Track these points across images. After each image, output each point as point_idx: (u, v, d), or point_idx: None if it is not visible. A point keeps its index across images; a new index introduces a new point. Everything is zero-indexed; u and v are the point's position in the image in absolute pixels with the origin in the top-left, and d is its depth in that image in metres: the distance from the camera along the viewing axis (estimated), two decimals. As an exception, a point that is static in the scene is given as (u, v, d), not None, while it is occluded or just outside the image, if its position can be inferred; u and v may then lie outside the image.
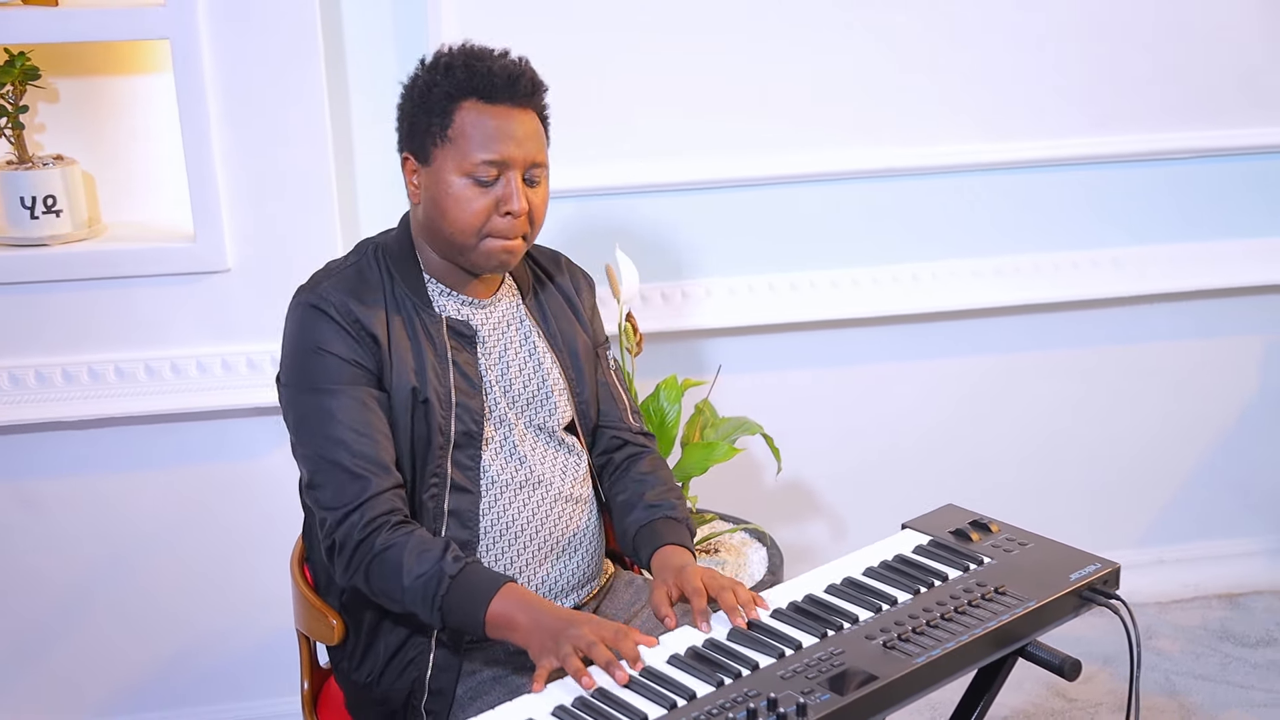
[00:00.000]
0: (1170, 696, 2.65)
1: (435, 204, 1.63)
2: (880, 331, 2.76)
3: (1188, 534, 3.03)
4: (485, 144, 1.59)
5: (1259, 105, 2.74)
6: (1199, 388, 2.94)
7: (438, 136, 1.61)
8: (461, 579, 1.53)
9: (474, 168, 1.60)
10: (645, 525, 1.74)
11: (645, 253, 2.59)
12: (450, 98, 1.60)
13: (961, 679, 1.58)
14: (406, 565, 1.54)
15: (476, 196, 1.61)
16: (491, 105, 1.60)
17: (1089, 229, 2.77)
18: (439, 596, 1.53)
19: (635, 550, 1.74)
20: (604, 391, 1.83)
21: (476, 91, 1.60)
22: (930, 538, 1.71)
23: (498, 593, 1.52)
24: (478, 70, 1.60)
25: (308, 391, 1.61)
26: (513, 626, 1.50)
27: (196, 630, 2.48)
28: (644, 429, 1.87)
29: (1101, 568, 1.62)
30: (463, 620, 1.54)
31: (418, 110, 1.62)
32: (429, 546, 1.55)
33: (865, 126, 2.60)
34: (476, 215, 1.61)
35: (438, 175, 1.61)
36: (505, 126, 1.60)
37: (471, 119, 1.60)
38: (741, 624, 1.50)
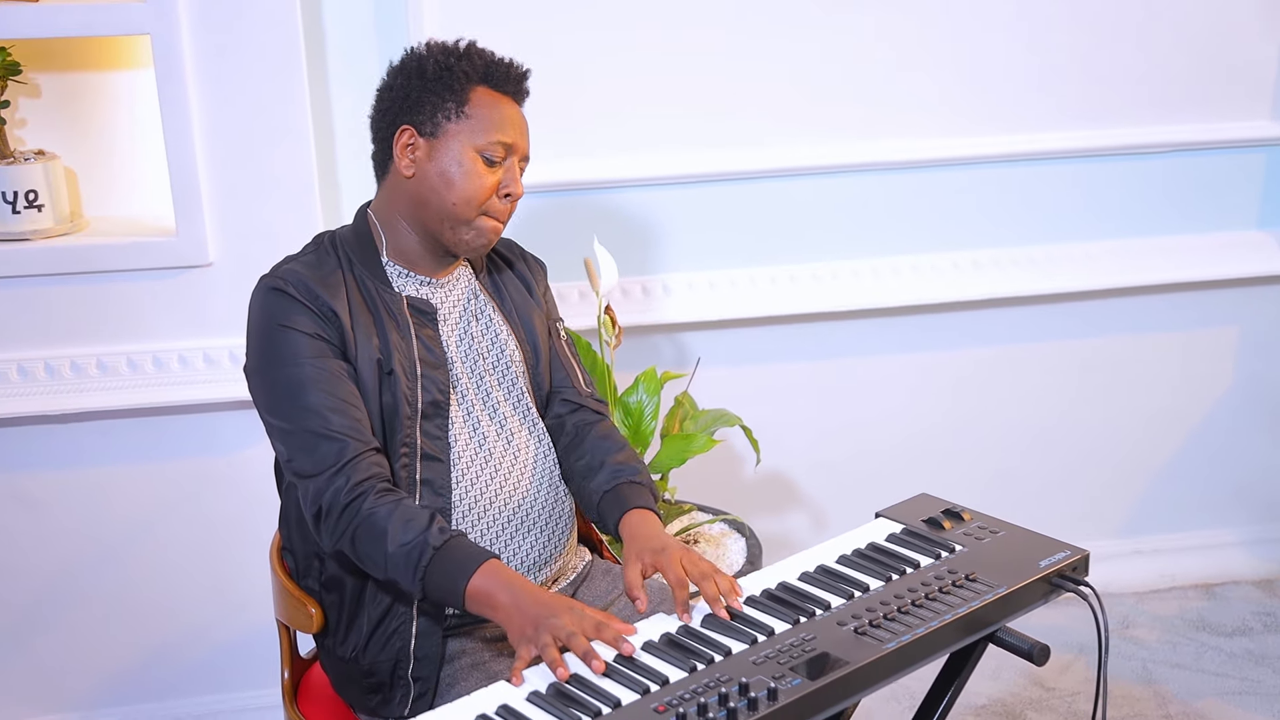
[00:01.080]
0: (1146, 685, 2.68)
1: (441, 175, 1.69)
2: (861, 325, 2.78)
3: (1165, 525, 3.06)
4: (499, 126, 1.70)
5: (1232, 100, 2.77)
6: (1175, 380, 2.97)
7: (453, 112, 1.69)
8: (445, 551, 1.56)
9: (488, 145, 1.69)
10: (610, 490, 1.76)
11: (626, 247, 2.61)
12: (468, 78, 1.70)
13: (933, 664, 1.61)
14: (391, 533, 1.57)
15: (486, 173, 1.70)
16: (501, 95, 1.72)
17: (1064, 223, 2.80)
18: (421, 566, 1.55)
19: (601, 516, 1.77)
20: (555, 362, 1.88)
21: (490, 80, 1.71)
22: (903, 526, 1.73)
23: (479, 568, 1.55)
24: (491, 60, 1.72)
25: (276, 368, 1.64)
26: (493, 604, 1.53)
27: (180, 622, 2.49)
28: (596, 395, 1.91)
29: (1071, 555, 1.64)
30: (443, 592, 1.56)
31: (429, 88, 1.69)
32: (414, 516, 1.58)
33: (844, 122, 2.63)
34: (482, 191, 1.70)
35: (447, 147, 1.69)
36: (512, 115, 1.73)
37: (486, 101, 1.70)
38: (723, 614, 1.52)
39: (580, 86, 2.50)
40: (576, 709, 1.36)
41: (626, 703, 1.37)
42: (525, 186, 2.45)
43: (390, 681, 1.69)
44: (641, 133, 2.55)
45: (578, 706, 1.36)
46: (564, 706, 1.37)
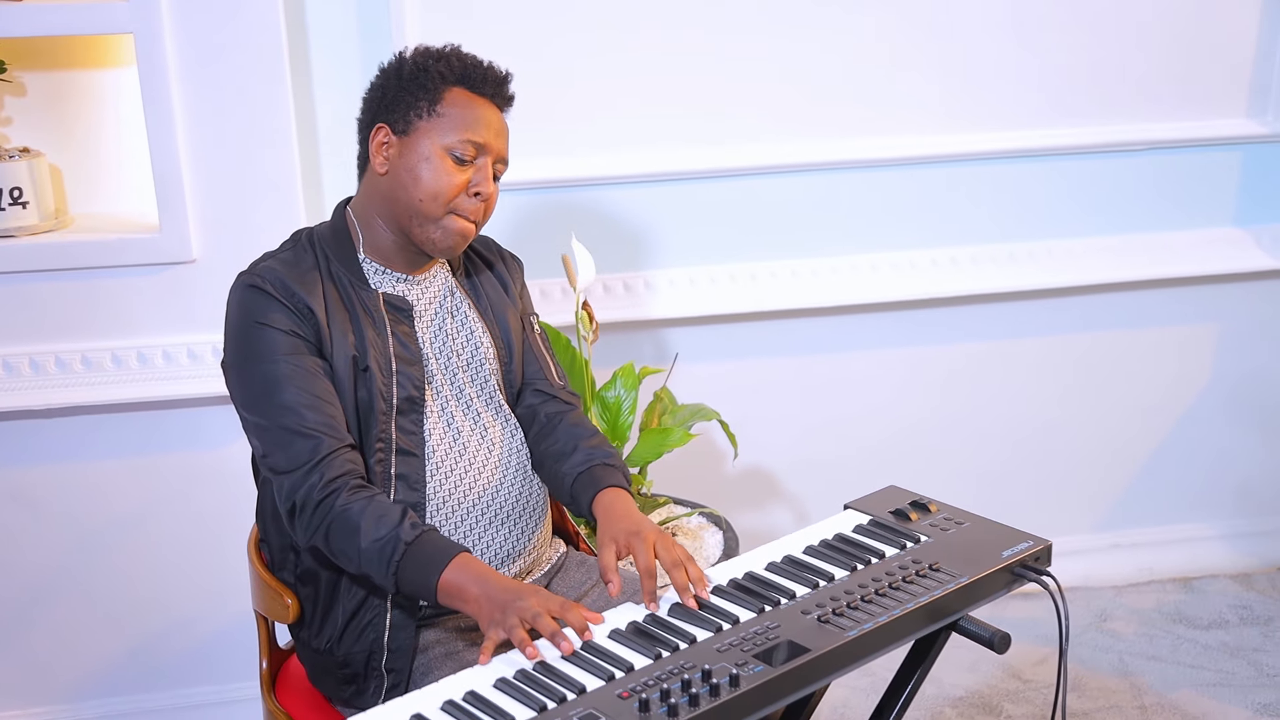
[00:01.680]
0: (1123, 677, 2.71)
1: (410, 171, 1.71)
2: (843, 321, 2.81)
3: (1144, 519, 3.09)
4: (471, 125, 1.71)
5: (1209, 98, 2.80)
6: (1155, 376, 3.00)
7: (425, 111, 1.71)
8: (417, 546, 1.59)
9: (457, 144, 1.70)
10: (583, 471, 1.79)
11: (610, 243, 2.64)
12: (443, 79, 1.72)
13: (899, 652, 1.64)
14: (364, 528, 1.60)
15: (453, 171, 1.71)
16: (478, 96, 1.74)
17: (1043, 220, 2.82)
18: (394, 561, 1.59)
19: (574, 497, 1.79)
20: (528, 354, 1.90)
21: (467, 81, 1.73)
22: (870, 517, 1.76)
23: (450, 562, 1.58)
24: (470, 63, 1.74)
25: (253, 364, 1.67)
26: (464, 597, 1.56)
27: (165, 615, 2.52)
28: (568, 387, 1.93)
29: (1033, 545, 1.67)
30: (416, 586, 1.59)
31: (405, 88, 1.72)
32: (387, 512, 1.61)
33: (824, 119, 2.65)
34: (450, 188, 1.71)
35: (417, 145, 1.71)
36: (487, 117, 1.73)
37: (460, 102, 1.72)
38: (692, 604, 1.55)
39: (562, 85, 2.53)
40: (542, 694, 1.39)
41: (591, 689, 1.40)
42: (508, 183, 2.52)
43: (364, 673, 1.72)
44: (625, 130, 2.58)
45: (543, 691, 1.39)
46: (530, 692, 1.39)
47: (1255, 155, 2.85)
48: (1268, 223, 2.89)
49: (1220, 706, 2.60)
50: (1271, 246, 2.89)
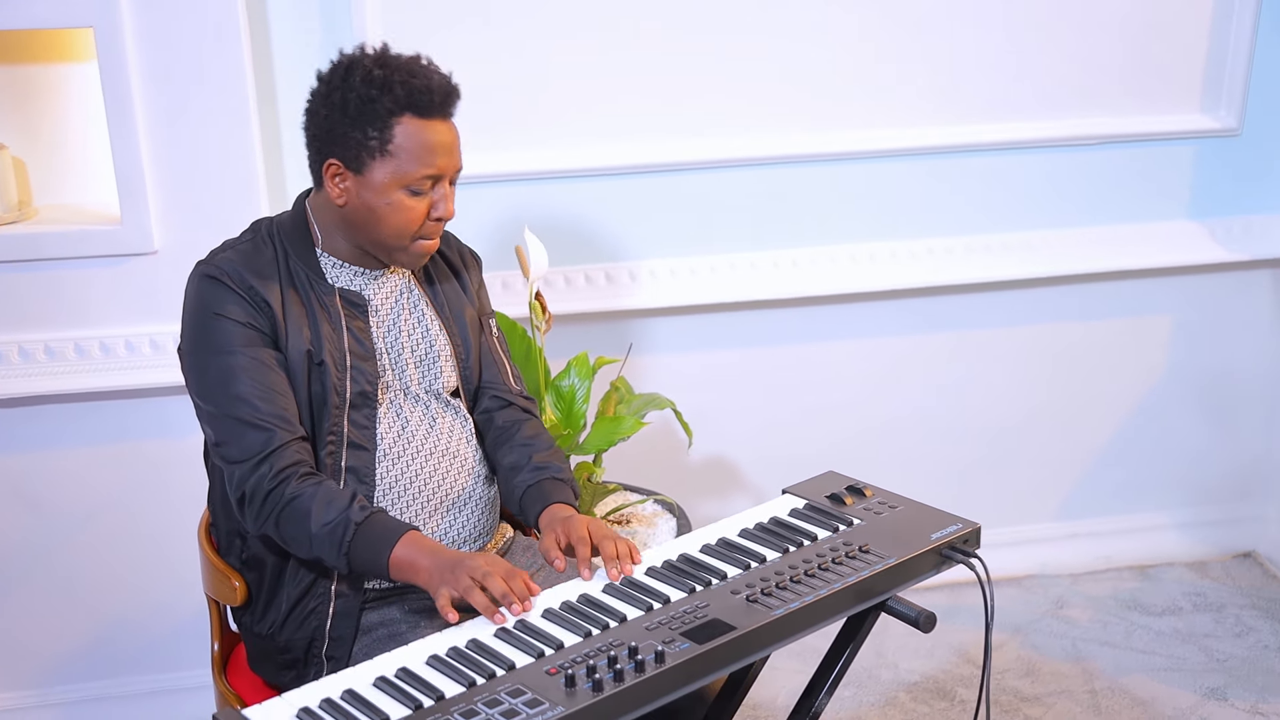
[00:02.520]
0: (1075, 662, 2.75)
1: (370, 210, 1.71)
2: (802, 312, 2.85)
3: (1101, 508, 3.13)
4: (425, 159, 1.69)
5: (1163, 94, 2.83)
6: (1110, 367, 3.04)
7: (376, 150, 1.68)
8: (367, 526, 1.64)
9: (414, 180, 1.69)
10: (533, 485, 1.83)
11: (571, 236, 2.67)
12: (390, 113, 1.67)
13: (830, 630, 1.68)
14: (315, 514, 1.64)
15: (414, 205, 1.71)
16: (428, 120, 1.70)
17: (999, 213, 2.86)
18: (346, 542, 1.63)
19: (523, 509, 1.84)
20: (486, 358, 1.93)
21: (415, 108, 1.68)
22: (806, 501, 1.80)
23: (400, 539, 1.63)
24: (416, 87, 1.68)
25: (208, 354, 1.70)
26: (415, 569, 1.61)
27: (129, 602, 2.56)
28: (525, 392, 1.97)
29: (962, 528, 1.71)
30: (368, 564, 1.64)
31: (352, 123, 1.68)
32: (336, 496, 1.66)
33: (782, 113, 2.69)
34: (413, 222, 1.72)
35: (373, 185, 1.69)
36: (440, 141, 1.70)
37: (410, 134, 1.68)
38: (616, 576, 1.61)
39: (524, 78, 2.56)
40: (472, 670, 1.43)
41: (521, 665, 1.44)
42: (466, 178, 2.55)
43: (304, 659, 1.76)
44: (584, 124, 2.61)
45: (473, 668, 1.43)
46: (460, 668, 1.43)
47: (1209, 149, 2.89)
48: (1221, 216, 2.93)
49: (1169, 691, 2.64)
50: (1225, 239, 2.93)
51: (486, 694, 1.38)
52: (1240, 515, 3.16)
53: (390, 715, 1.35)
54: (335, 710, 1.37)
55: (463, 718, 1.34)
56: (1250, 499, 3.15)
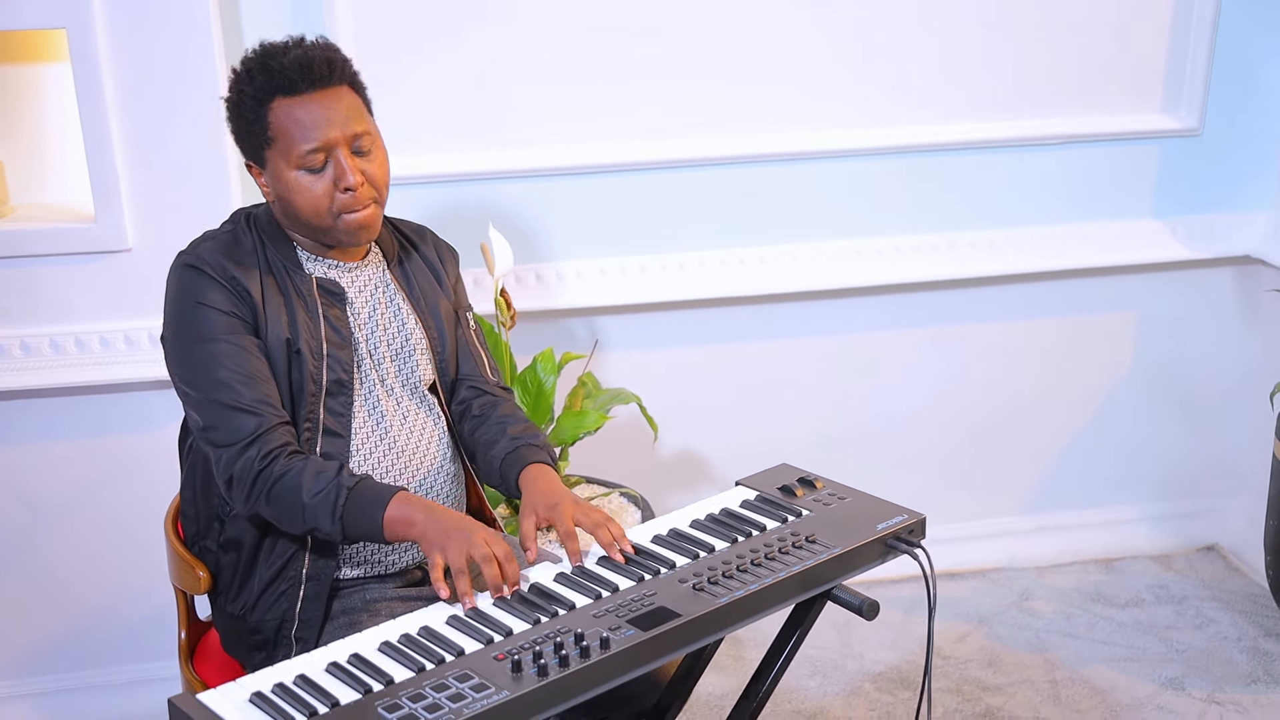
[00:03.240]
0: (1037, 653, 2.80)
1: (285, 200, 1.77)
2: (772, 309, 2.89)
3: (1068, 502, 3.18)
4: (303, 134, 1.72)
5: (1126, 94, 2.88)
6: (1078, 363, 3.08)
7: (262, 141, 1.73)
8: (358, 490, 1.69)
9: (301, 159, 1.72)
10: (510, 453, 1.87)
11: (539, 235, 2.72)
12: (259, 102, 1.72)
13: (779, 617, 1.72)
14: (305, 485, 1.69)
15: (314, 183, 1.74)
16: (296, 97, 1.72)
17: (969, 212, 2.90)
18: (339, 507, 1.68)
19: (502, 476, 1.87)
20: (464, 350, 1.97)
21: (279, 89, 1.71)
22: (758, 493, 1.84)
23: (393, 498, 1.69)
24: (274, 69, 1.72)
25: (192, 343, 1.75)
26: (410, 524, 1.66)
27: (105, 594, 2.60)
28: (501, 383, 2.01)
29: (907, 519, 1.75)
30: (363, 527, 1.69)
31: (239, 122, 1.75)
32: (324, 468, 1.71)
33: (746, 113, 2.73)
34: (321, 199, 1.75)
35: (276, 175, 1.75)
36: (316, 113, 1.72)
37: (285, 114, 1.72)
38: (619, 557, 1.65)
39: (489, 77, 2.60)
40: (422, 656, 1.47)
41: (469, 651, 1.48)
42: (430, 176, 2.59)
43: (274, 639, 1.80)
44: (542, 125, 2.65)
45: (423, 654, 1.47)
46: (410, 654, 1.47)
47: (1171, 149, 2.93)
48: (1183, 214, 2.98)
49: (1128, 680, 2.69)
50: (1187, 238, 2.98)
51: (434, 679, 1.43)
52: (1204, 509, 3.20)
53: (340, 699, 1.40)
54: (287, 695, 1.41)
55: (410, 701, 1.39)
56: (1214, 493, 3.19)
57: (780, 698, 2.65)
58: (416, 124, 2.58)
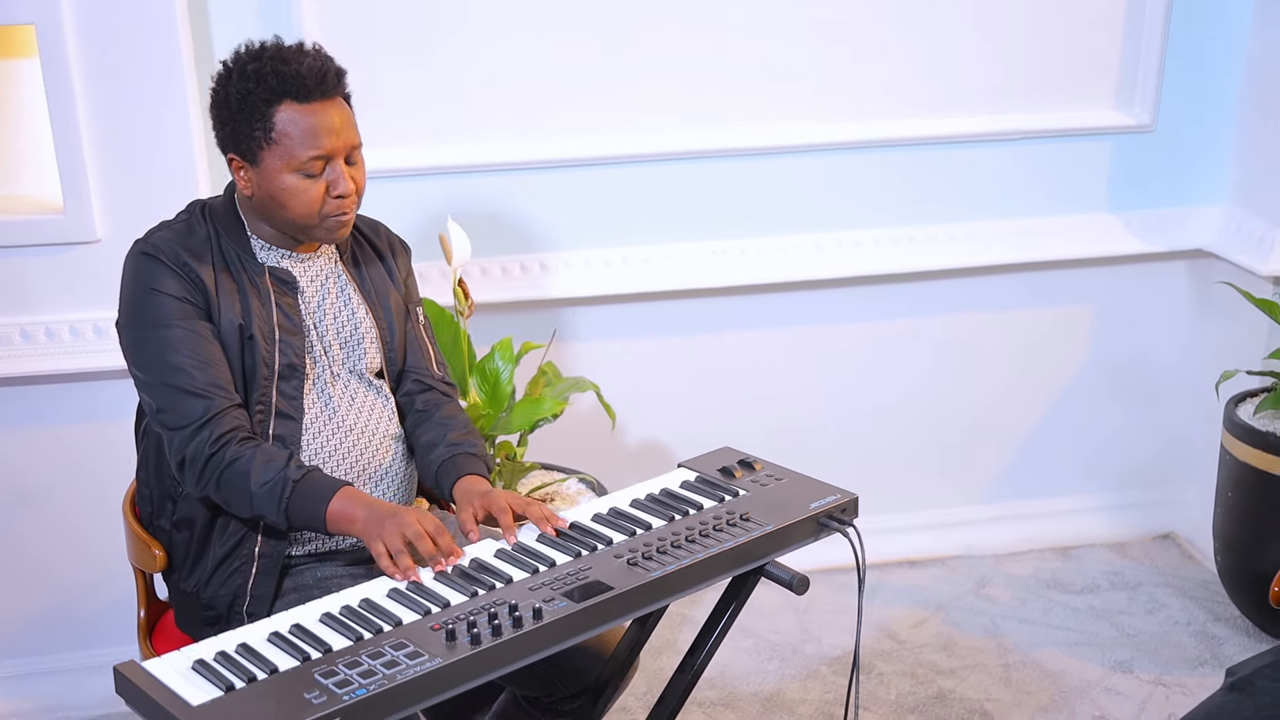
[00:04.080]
0: (991, 637, 2.86)
1: (272, 198, 1.82)
2: (734, 301, 2.95)
3: (1025, 491, 3.23)
4: (308, 142, 1.78)
5: (1081, 91, 2.94)
6: (1035, 355, 3.14)
7: (262, 140, 1.78)
8: (304, 483, 1.76)
9: (303, 164, 1.78)
10: (447, 460, 1.93)
11: (507, 227, 2.78)
12: (267, 103, 1.77)
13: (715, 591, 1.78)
14: (254, 474, 1.75)
15: (310, 187, 1.80)
16: (306, 104, 1.78)
17: (927, 206, 2.96)
18: (284, 499, 1.75)
19: (437, 482, 1.94)
20: (412, 344, 2.03)
21: (290, 94, 1.77)
22: (698, 474, 1.90)
23: (336, 494, 1.75)
24: (287, 74, 1.77)
25: (146, 328, 1.81)
26: (351, 520, 1.73)
27: (72, 580, 2.65)
28: (447, 379, 2.06)
29: (840, 498, 1.81)
30: (306, 518, 1.76)
31: (237, 118, 1.79)
32: (274, 457, 1.77)
33: (702, 108, 2.78)
34: (313, 203, 1.81)
35: (269, 174, 1.80)
36: (323, 121, 1.79)
37: (291, 119, 1.78)
38: (552, 532, 1.72)
39: (452, 74, 2.66)
40: (360, 626, 1.53)
41: (407, 621, 1.54)
42: (396, 170, 2.65)
43: (227, 615, 1.86)
44: (513, 120, 2.71)
45: (362, 624, 1.53)
46: (350, 624, 1.53)
47: (1124, 145, 2.99)
48: (1137, 209, 3.04)
49: (1078, 663, 2.75)
50: (1141, 231, 3.04)
51: (371, 647, 1.48)
52: (1160, 498, 3.26)
53: (279, 666, 1.45)
54: (228, 662, 1.47)
55: (347, 668, 1.44)
56: (1170, 482, 3.25)
57: (738, 681, 2.71)
58: (380, 120, 2.64)
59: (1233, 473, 2.77)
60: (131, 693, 1.44)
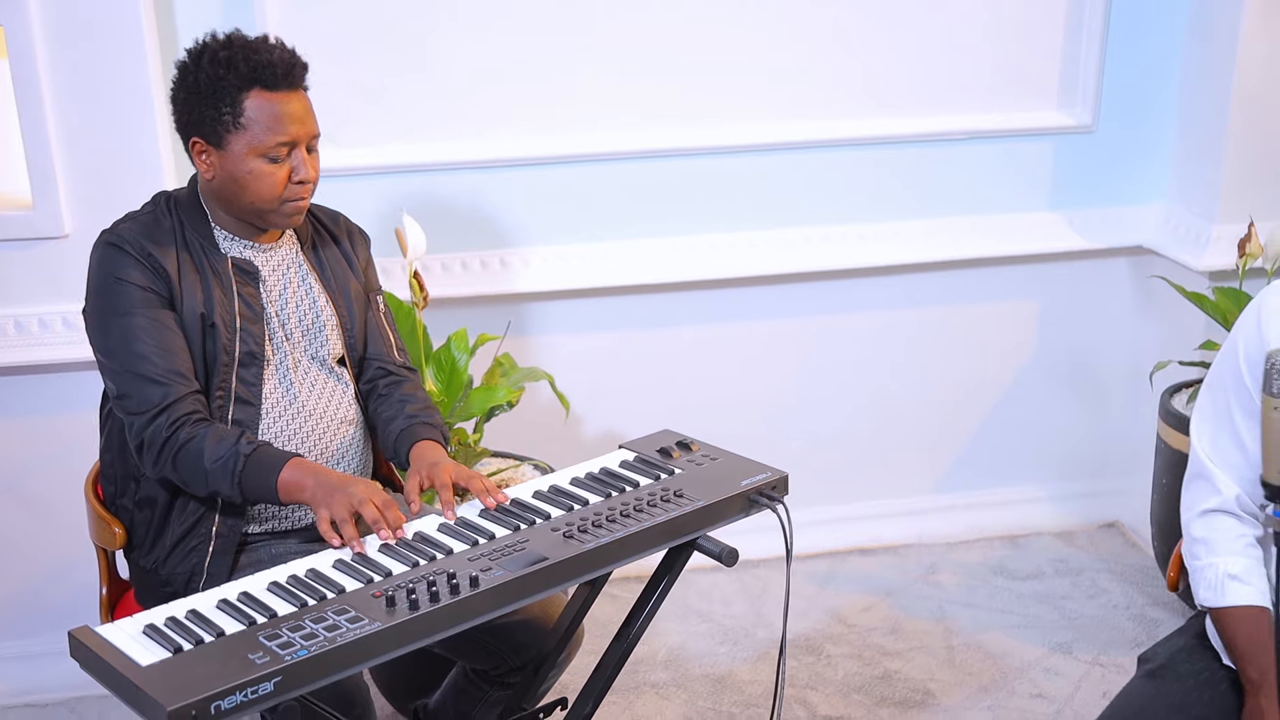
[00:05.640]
0: (937, 621, 2.95)
1: (234, 181, 1.90)
2: (690, 296, 3.04)
3: (975, 482, 3.33)
4: (276, 128, 1.87)
5: (1024, 93, 3.04)
6: (983, 348, 3.24)
7: (230, 124, 1.86)
8: (255, 456, 1.84)
9: (269, 149, 1.87)
10: (405, 429, 2.02)
11: (468, 224, 2.86)
12: (238, 89, 1.86)
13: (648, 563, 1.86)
14: (207, 451, 1.84)
15: (273, 171, 1.89)
16: (274, 93, 1.88)
17: (876, 204, 3.05)
18: (237, 472, 1.83)
19: (395, 451, 2.02)
20: (373, 331, 2.11)
21: (260, 82, 1.86)
22: (637, 454, 1.98)
23: (287, 464, 1.83)
24: (258, 63, 1.86)
25: (111, 315, 1.89)
26: (301, 488, 1.81)
27: (38, 568, 2.72)
28: (408, 364, 2.15)
29: (770, 476, 1.89)
30: (259, 490, 1.84)
31: (205, 102, 1.87)
32: (225, 435, 1.86)
33: (648, 109, 2.87)
34: (275, 186, 1.90)
35: (233, 157, 1.88)
36: (289, 110, 1.89)
37: (260, 106, 1.87)
38: (492, 504, 1.80)
39: (409, 74, 2.75)
40: (305, 594, 1.61)
41: (349, 589, 1.62)
42: (359, 169, 2.74)
43: (184, 591, 1.93)
44: (475, 118, 2.80)
45: (307, 592, 1.61)
46: (295, 592, 1.61)
47: (1066, 145, 3.09)
48: (1080, 207, 3.14)
49: (1020, 645, 2.84)
50: (1083, 229, 3.14)
51: (314, 613, 1.56)
52: (1105, 488, 3.36)
53: (226, 630, 1.53)
54: (178, 626, 1.54)
55: (290, 631, 1.52)
56: (1114, 473, 3.35)
57: (690, 663, 2.79)
58: (342, 117, 2.72)
59: (1167, 460, 2.86)
60: (85, 656, 1.52)
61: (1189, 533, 1.81)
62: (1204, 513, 1.78)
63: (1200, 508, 1.79)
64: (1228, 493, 1.76)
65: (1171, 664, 1.82)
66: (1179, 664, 1.81)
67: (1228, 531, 1.76)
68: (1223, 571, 1.73)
